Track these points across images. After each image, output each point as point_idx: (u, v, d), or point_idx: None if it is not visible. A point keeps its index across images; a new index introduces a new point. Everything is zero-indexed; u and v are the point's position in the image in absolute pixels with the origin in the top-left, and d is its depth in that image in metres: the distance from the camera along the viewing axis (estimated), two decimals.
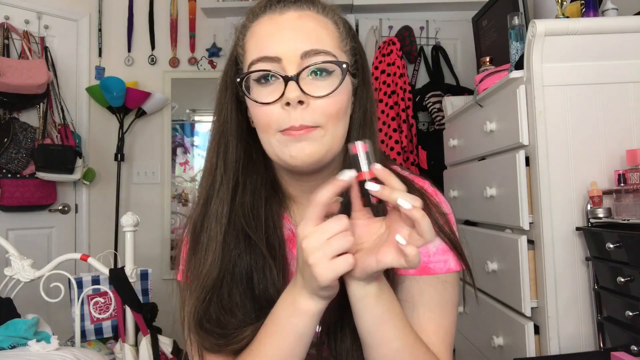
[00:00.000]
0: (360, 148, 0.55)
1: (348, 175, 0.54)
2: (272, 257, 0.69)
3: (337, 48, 0.66)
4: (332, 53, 0.65)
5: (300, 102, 0.62)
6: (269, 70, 0.63)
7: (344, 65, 0.64)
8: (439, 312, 0.71)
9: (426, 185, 0.77)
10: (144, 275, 1.91)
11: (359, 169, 0.55)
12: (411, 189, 0.73)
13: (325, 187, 0.54)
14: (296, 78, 0.62)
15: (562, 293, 1.31)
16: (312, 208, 0.54)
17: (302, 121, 0.62)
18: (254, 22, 0.67)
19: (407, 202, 0.51)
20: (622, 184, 1.24)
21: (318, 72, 0.64)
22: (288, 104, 0.62)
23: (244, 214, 0.70)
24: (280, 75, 0.62)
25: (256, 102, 0.64)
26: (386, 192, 0.53)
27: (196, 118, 3.16)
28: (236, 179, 0.71)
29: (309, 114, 0.63)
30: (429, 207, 0.72)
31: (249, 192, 0.71)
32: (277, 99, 0.63)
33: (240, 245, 0.69)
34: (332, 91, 0.63)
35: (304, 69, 0.63)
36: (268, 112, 0.64)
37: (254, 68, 0.64)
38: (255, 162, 0.73)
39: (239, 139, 0.71)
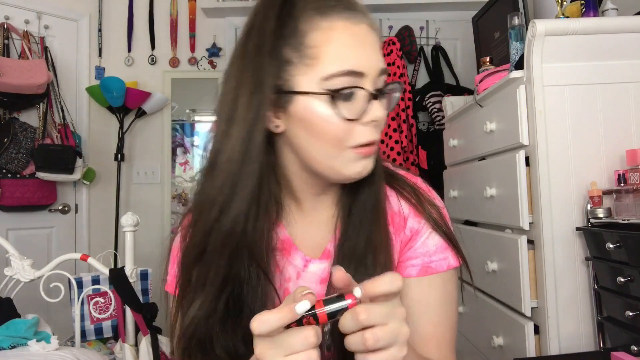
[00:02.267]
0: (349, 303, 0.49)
1: (302, 308, 0.48)
2: (257, 265, 0.66)
3: None
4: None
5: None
6: (375, 92, 0.64)
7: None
8: (444, 311, 0.71)
9: (418, 182, 0.77)
10: (144, 275, 1.91)
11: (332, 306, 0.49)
12: (404, 185, 0.75)
13: (271, 316, 0.47)
14: (382, 96, 0.65)
15: (562, 293, 1.31)
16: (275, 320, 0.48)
17: (376, 137, 0.65)
18: (326, 20, 0.63)
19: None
20: (622, 184, 1.24)
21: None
22: (372, 121, 0.63)
23: (237, 225, 0.65)
24: (372, 94, 0.63)
25: (345, 118, 0.62)
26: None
27: (196, 118, 3.16)
28: (254, 191, 0.64)
29: (378, 131, 0.65)
30: (422, 203, 0.73)
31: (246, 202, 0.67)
32: (361, 115, 0.63)
33: (230, 257, 0.65)
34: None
35: (386, 87, 0.66)
36: (346, 127, 0.62)
37: (337, 81, 0.61)
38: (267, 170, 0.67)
39: (261, 144, 0.64)
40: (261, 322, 0.47)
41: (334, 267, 0.50)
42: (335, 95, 0.61)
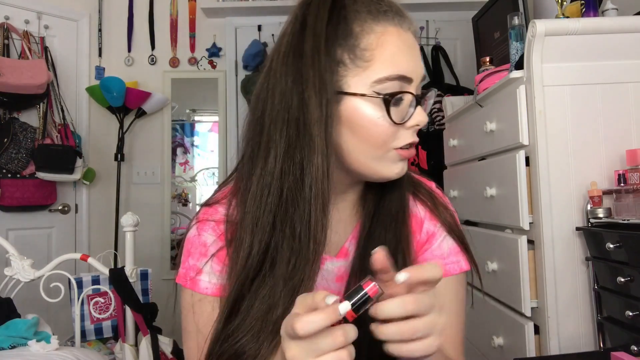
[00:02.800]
0: (370, 289, 0.49)
1: (345, 308, 0.48)
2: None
3: None
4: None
5: None
6: (422, 97, 0.67)
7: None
8: (456, 313, 0.73)
9: (433, 186, 0.80)
10: (144, 275, 1.91)
11: (354, 300, 0.49)
12: (420, 189, 0.77)
13: (316, 317, 0.47)
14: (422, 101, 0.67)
15: (562, 293, 1.31)
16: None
17: (417, 139, 0.67)
18: (379, 25, 0.64)
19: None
20: (622, 184, 1.24)
21: None
22: (417, 125, 0.65)
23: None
24: (417, 98, 0.65)
25: (394, 122, 0.63)
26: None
27: (196, 118, 3.17)
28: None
29: (416, 133, 0.67)
30: (438, 207, 0.76)
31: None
32: (407, 119, 0.65)
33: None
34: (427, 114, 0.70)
35: (426, 94, 0.68)
36: (394, 131, 0.64)
37: (390, 85, 0.63)
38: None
39: (327, 147, 0.63)
40: (307, 323, 0.46)
41: (376, 249, 0.51)
42: (387, 99, 0.62)
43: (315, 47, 0.62)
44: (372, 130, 0.63)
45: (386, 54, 0.63)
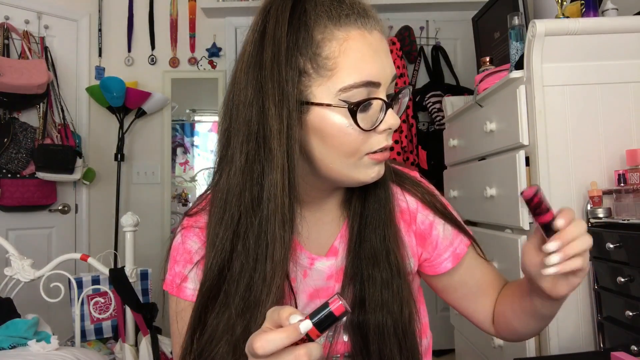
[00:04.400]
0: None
1: (306, 327, 0.48)
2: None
3: None
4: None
5: None
6: (389, 102, 0.64)
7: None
8: (478, 288, 0.80)
9: (417, 176, 0.81)
10: (144, 275, 1.91)
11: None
12: (405, 180, 0.78)
13: (276, 337, 0.47)
14: (394, 103, 0.66)
15: None
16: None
17: (390, 142, 0.66)
18: (341, 30, 0.62)
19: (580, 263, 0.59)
20: (622, 184, 1.24)
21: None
22: (388, 129, 0.64)
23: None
24: (386, 103, 0.63)
25: (362, 129, 0.61)
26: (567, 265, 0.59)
27: (196, 118, 3.17)
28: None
29: (391, 137, 0.66)
30: (425, 195, 0.78)
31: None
32: (378, 124, 0.63)
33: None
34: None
35: (397, 95, 0.67)
36: (364, 138, 0.62)
37: (355, 92, 0.61)
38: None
39: (289, 157, 0.62)
40: (266, 342, 0.46)
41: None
42: (353, 108, 0.61)
43: (275, 58, 0.60)
44: (342, 139, 0.62)
45: (350, 61, 0.61)
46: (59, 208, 2.73)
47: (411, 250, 0.76)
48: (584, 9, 1.47)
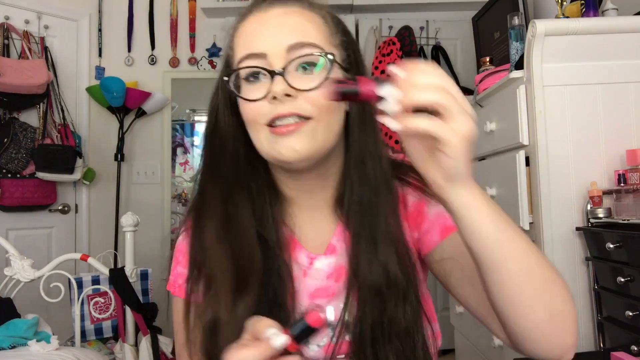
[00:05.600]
0: (319, 319, 0.49)
1: (281, 341, 0.48)
2: (283, 259, 0.68)
3: (325, 41, 0.65)
4: (319, 46, 0.63)
5: (288, 96, 0.61)
6: (255, 67, 0.63)
7: (330, 56, 0.63)
8: (472, 271, 0.66)
9: (406, 159, 0.75)
10: (144, 275, 1.91)
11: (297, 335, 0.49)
12: (402, 166, 0.73)
13: (247, 353, 0.47)
14: (282, 72, 0.61)
15: None
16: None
17: (292, 109, 0.61)
18: (242, 22, 0.67)
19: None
20: (622, 184, 1.24)
21: (306, 66, 0.63)
22: (275, 98, 0.61)
23: (254, 217, 0.69)
24: (267, 70, 0.62)
25: (244, 99, 0.64)
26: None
27: (196, 118, 3.17)
28: (234, 182, 0.69)
29: (299, 104, 0.61)
30: (415, 179, 0.72)
31: (254, 194, 0.70)
32: (265, 95, 0.62)
33: (253, 250, 0.67)
34: (320, 83, 0.61)
35: (289, 63, 0.62)
36: (256, 109, 0.63)
37: (242, 66, 0.64)
38: (255, 165, 0.71)
39: (235, 140, 0.69)
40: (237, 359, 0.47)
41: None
42: (239, 80, 0.65)
43: (222, 67, 0.70)
44: (244, 113, 0.65)
45: (239, 41, 0.66)
46: (59, 208, 2.73)
47: (408, 237, 0.71)
48: (584, 9, 1.47)
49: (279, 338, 0.47)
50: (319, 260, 0.72)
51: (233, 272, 0.66)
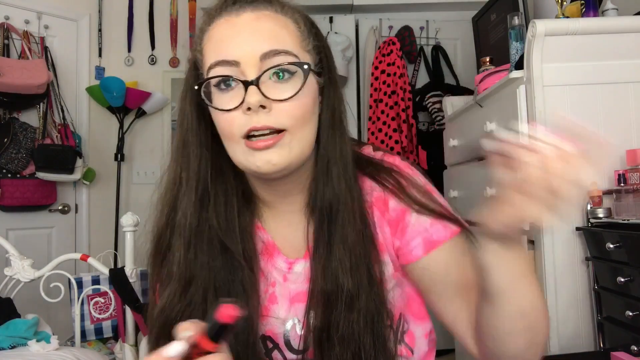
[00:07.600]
0: (226, 315, 0.48)
1: (175, 350, 0.49)
2: (250, 269, 0.67)
3: (298, 47, 0.63)
4: (293, 53, 0.62)
5: (263, 107, 0.59)
6: (228, 76, 0.61)
7: (305, 66, 0.62)
8: (463, 275, 0.68)
9: (397, 160, 0.73)
10: (144, 275, 1.91)
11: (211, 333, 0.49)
12: (380, 171, 0.71)
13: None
14: (256, 82, 0.59)
15: (562, 293, 1.31)
16: None
17: (265, 122, 0.60)
18: (211, 25, 0.64)
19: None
20: (622, 184, 1.24)
21: (280, 74, 0.61)
22: (249, 109, 0.59)
23: (219, 226, 0.67)
24: (240, 80, 0.60)
25: (217, 109, 0.62)
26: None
27: None
28: (203, 190, 0.68)
29: (274, 117, 0.60)
30: (402, 186, 0.70)
31: (221, 203, 0.68)
32: (238, 105, 0.60)
33: (215, 259, 0.67)
34: (295, 94, 0.60)
35: (264, 72, 0.60)
36: (230, 119, 0.61)
37: (212, 73, 0.62)
38: (224, 172, 0.69)
39: (204, 148, 0.68)
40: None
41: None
42: (209, 87, 0.62)
43: (188, 72, 0.68)
44: (218, 124, 0.64)
45: (210, 47, 0.63)
46: (59, 208, 2.73)
47: (386, 242, 0.70)
48: (584, 9, 1.47)
49: (171, 347, 0.48)
50: (298, 264, 0.71)
51: (188, 282, 0.67)
